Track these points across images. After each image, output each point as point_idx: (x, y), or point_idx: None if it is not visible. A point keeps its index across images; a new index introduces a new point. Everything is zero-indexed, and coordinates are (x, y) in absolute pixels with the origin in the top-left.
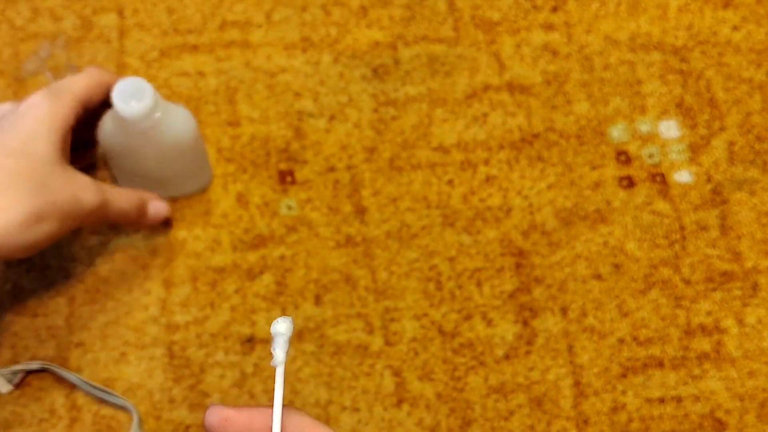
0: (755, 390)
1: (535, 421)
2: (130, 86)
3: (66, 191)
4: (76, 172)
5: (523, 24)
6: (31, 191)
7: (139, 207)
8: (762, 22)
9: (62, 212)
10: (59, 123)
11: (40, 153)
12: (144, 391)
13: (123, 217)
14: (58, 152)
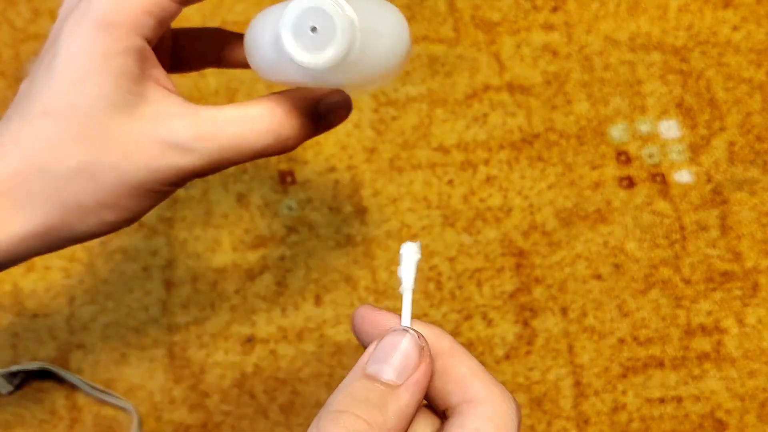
0: (755, 390)
1: (536, 421)
2: (307, 17)
3: (140, 159)
4: (164, 113)
5: (523, 24)
6: (84, 168)
7: (292, 129)
8: (762, 22)
9: (134, 189)
10: (120, 41)
11: (94, 101)
12: (144, 392)
13: (261, 154)
14: (126, 89)
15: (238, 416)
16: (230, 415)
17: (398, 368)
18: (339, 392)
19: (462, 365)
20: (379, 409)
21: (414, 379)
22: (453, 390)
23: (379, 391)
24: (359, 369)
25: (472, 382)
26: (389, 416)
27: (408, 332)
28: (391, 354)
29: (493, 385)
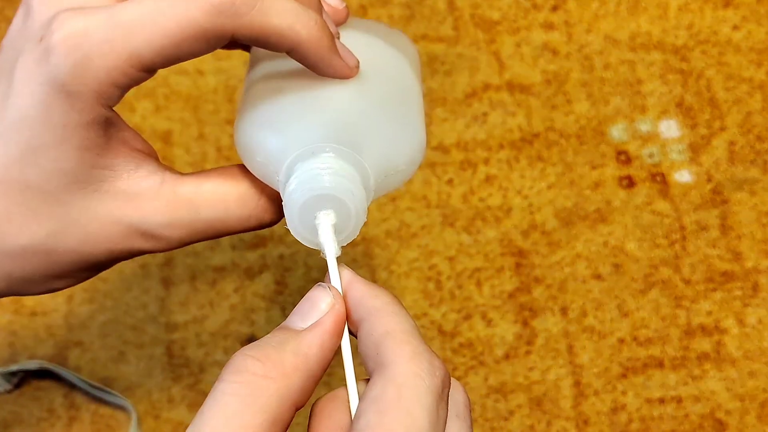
0: (755, 390)
1: (535, 421)
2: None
3: (93, 243)
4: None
5: (523, 23)
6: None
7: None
8: (762, 21)
9: (87, 266)
10: (77, 125)
11: (46, 180)
12: (143, 391)
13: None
14: (84, 169)
15: None
16: None
17: (303, 313)
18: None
19: (379, 327)
20: (275, 347)
21: (320, 321)
22: (369, 354)
23: (282, 335)
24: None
25: (384, 344)
26: (286, 354)
27: (319, 285)
28: (302, 306)
29: (404, 344)
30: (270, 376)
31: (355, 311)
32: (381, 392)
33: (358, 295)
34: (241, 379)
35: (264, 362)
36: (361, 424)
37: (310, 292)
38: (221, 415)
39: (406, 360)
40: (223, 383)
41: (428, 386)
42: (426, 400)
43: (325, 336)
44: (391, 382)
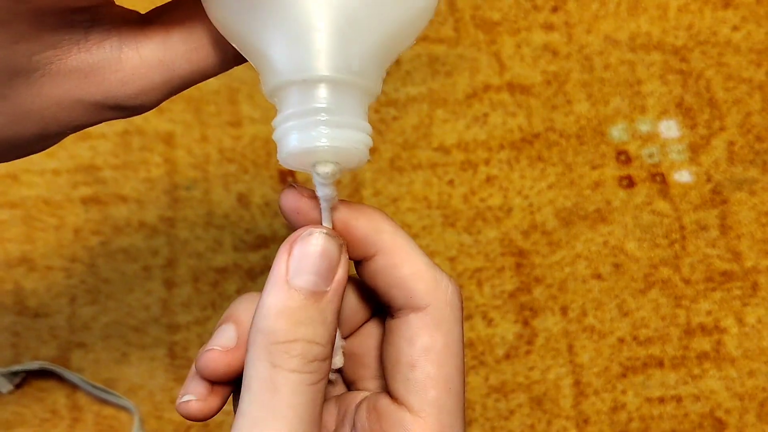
0: (755, 389)
1: (536, 420)
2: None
3: (54, 122)
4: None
5: (524, 24)
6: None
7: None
8: (762, 22)
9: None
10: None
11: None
12: (145, 392)
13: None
14: (16, 56)
15: None
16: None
17: (324, 274)
18: (277, 317)
19: (404, 266)
20: (322, 323)
21: (338, 279)
22: (397, 294)
23: (314, 306)
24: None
25: (416, 285)
26: (330, 326)
27: (326, 234)
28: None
29: (436, 284)
30: (328, 357)
31: (364, 244)
32: (430, 343)
33: (362, 232)
34: (311, 370)
35: (323, 345)
36: (419, 376)
37: (314, 241)
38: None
39: (444, 303)
40: (293, 375)
41: (460, 318)
42: (461, 330)
43: (343, 290)
44: (437, 330)
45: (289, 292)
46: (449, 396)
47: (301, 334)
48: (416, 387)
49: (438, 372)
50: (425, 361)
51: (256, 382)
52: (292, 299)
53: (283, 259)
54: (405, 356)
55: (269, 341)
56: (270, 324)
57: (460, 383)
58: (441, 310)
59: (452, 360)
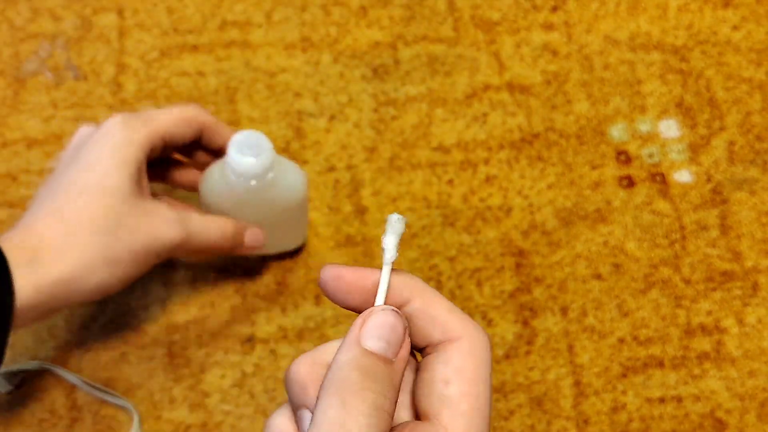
0: (755, 390)
1: (536, 420)
2: (247, 139)
3: (143, 230)
4: (156, 204)
5: (523, 24)
6: (106, 231)
7: (234, 236)
8: (762, 21)
9: (138, 253)
10: (134, 154)
11: (114, 188)
12: (144, 391)
13: (213, 248)
14: (134, 185)
15: (238, 416)
16: (230, 415)
17: (393, 345)
18: (351, 369)
19: (440, 307)
20: (389, 383)
21: (403, 353)
22: (433, 330)
23: (382, 367)
24: (355, 344)
25: (451, 320)
26: (395, 389)
27: (395, 312)
28: (385, 331)
29: (468, 322)
30: (392, 414)
31: (401, 291)
32: (463, 364)
33: (401, 278)
34: (378, 417)
35: (390, 400)
36: (452, 392)
37: (387, 316)
38: None
39: (476, 336)
40: (362, 417)
41: (489, 358)
42: (490, 368)
43: (406, 365)
44: (470, 355)
45: (362, 350)
46: (478, 415)
47: (372, 386)
48: (449, 401)
49: (470, 389)
50: (459, 379)
51: (327, 424)
52: (365, 356)
53: (357, 325)
54: (440, 374)
55: (343, 387)
56: (345, 374)
57: (487, 408)
58: (473, 340)
59: (482, 385)
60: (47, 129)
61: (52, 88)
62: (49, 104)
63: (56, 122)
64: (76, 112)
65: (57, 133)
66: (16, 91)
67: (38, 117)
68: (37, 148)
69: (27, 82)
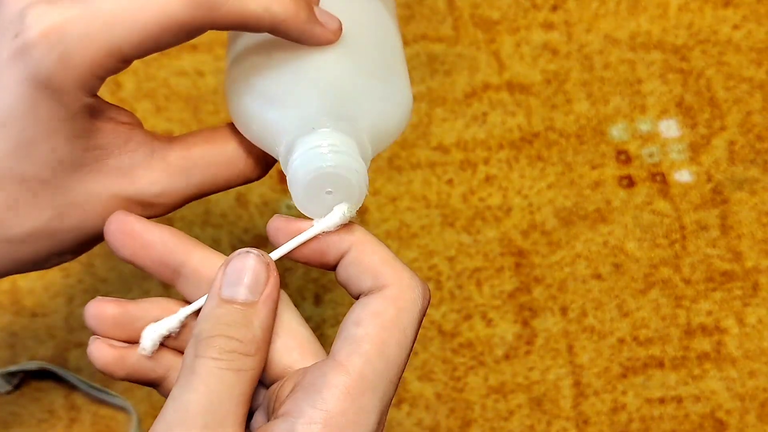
0: (756, 390)
1: (535, 421)
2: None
3: (93, 218)
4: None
5: (523, 23)
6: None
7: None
8: (762, 21)
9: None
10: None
11: (42, 170)
12: (143, 392)
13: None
14: (77, 154)
15: None
16: None
17: (251, 287)
18: (204, 321)
19: (374, 254)
20: (245, 326)
21: (267, 293)
22: (365, 278)
23: (240, 311)
24: (215, 295)
25: (383, 268)
26: (256, 331)
27: (251, 252)
28: (241, 276)
29: (402, 271)
30: (251, 354)
31: (338, 244)
32: (383, 309)
33: (335, 235)
34: (228, 358)
35: (243, 342)
36: (359, 332)
37: (242, 259)
38: (209, 393)
39: (405, 286)
40: (209, 360)
41: (420, 309)
42: (416, 320)
43: (275, 305)
44: (392, 303)
45: (218, 302)
46: (381, 357)
47: (222, 331)
48: (352, 340)
49: (378, 334)
50: (371, 322)
51: (182, 370)
52: (219, 307)
53: (219, 274)
54: (354, 316)
55: (195, 340)
56: (198, 327)
57: (398, 357)
58: (401, 290)
59: (397, 333)
60: None
61: None
62: None
63: None
64: None
65: None
66: None
67: None
68: None
69: None
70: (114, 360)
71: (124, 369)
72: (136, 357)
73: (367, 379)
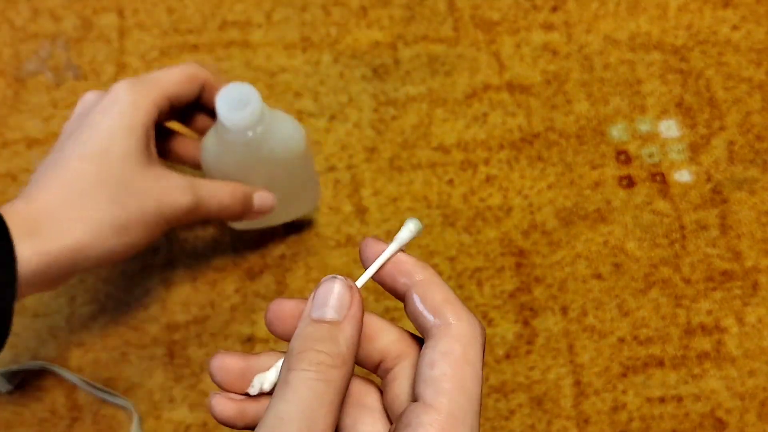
0: (755, 389)
1: (536, 420)
2: (235, 92)
3: (152, 195)
4: (165, 170)
5: (523, 24)
6: (113, 198)
7: (243, 200)
8: (761, 21)
9: (148, 219)
10: (141, 118)
11: (122, 153)
12: (144, 391)
13: (223, 214)
14: (142, 150)
15: None
16: None
17: (336, 307)
18: (295, 339)
19: (437, 294)
20: (332, 341)
21: (351, 313)
22: (428, 315)
23: (327, 329)
24: (306, 317)
25: (444, 307)
26: (341, 346)
27: (337, 278)
28: (328, 298)
29: (461, 310)
30: (337, 366)
31: (405, 279)
32: (450, 348)
33: (408, 266)
34: (317, 369)
35: (330, 355)
36: (436, 373)
37: (328, 284)
38: (301, 401)
39: (466, 323)
40: (300, 372)
41: (481, 344)
42: (481, 353)
43: (359, 324)
44: (457, 341)
45: (308, 322)
46: (462, 393)
47: (311, 346)
48: (432, 381)
49: (453, 372)
50: (443, 362)
51: (278, 384)
52: (309, 327)
53: (309, 299)
54: (427, 358)
55: (288, 356)
56: (291, 345)
57: (475, 390)
58: (463, 328)
59: (468, 368)
60: (47, 129)
61: (53, 88)
62: (49, 104)
63: (56, 122)
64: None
65: (57, 133)
66: (16, 91)
67: (38, 117)
68: (37, 148)
69: (27, 82)
70: (235, 414)
71: (244, 421)
72: (254, 409)
73: (454, 415)
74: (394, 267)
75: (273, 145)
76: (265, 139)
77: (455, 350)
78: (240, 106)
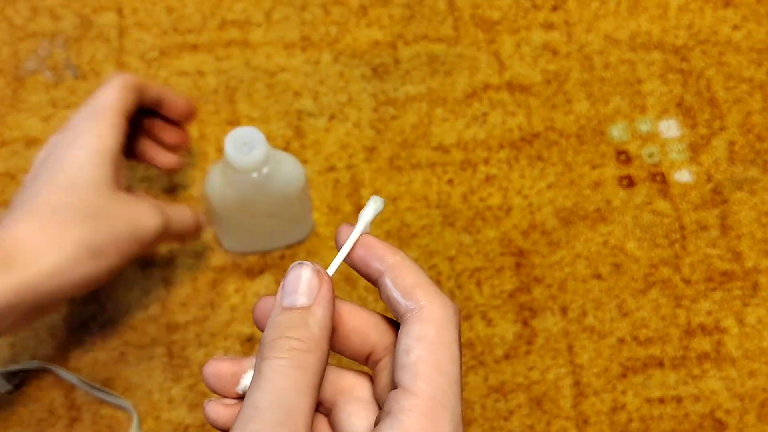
0: (755, 390)
1: (535, 420)
2: (241, 135)
3: (124, 220)
4: (132, 196)
5: (523, 23)
6: (87, 223)
7: (198, 220)
8: (762, 21)
9: (122, 242)
10: (106, 145)
11: (91, 182)
12: (143, 391)
13: (185, 233)
14: (110, 177)
15: None
16: None
17: (306, 293)
18: (267, 329)
19: (408, 277)
20: (303, 326)
21: (321, 294)
22: (400, 300)
23: (298, 314)
24: (277, 306)
25: (415, 290)
26: (312, 328)
27: (303, 263)
28: (297, 285)
29: (433, 292)
30: (311, 350)
31: (378, 263)
32: (424, 332)
33: (380, 251)
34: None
35: (302, 340)
36: (412, 359)
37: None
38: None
39: (438, 305)
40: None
41: (455, 324)
42: (456, 334)
43: (330, 306)
44: (430, 323)
45: (279, 311)
46: (440, 376)
47: (282, 333)
48: (409, 366)
49: (429, 356)
50: (418, 346)
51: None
52: (280, 315)
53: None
54: (403, 345)
55: (260, 345)
56: (263, 335)
57: (453, 371)
58: (435, 310)
59: (444, 350)
60: (46, 128)
61: (52, 87)
62: (48, 103)
63: (55, 121)
64: (75, 112)
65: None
66: (15, 90)
67: (37, 116)
68: (36, 147)
69: (26, 81)
70: (230, 419)
71: None
72: None
73: (434, 398)
74: (366, 252)
75: (275, 184)
76: (269, 178)
77: (429, 333)
78: (247, 150)
